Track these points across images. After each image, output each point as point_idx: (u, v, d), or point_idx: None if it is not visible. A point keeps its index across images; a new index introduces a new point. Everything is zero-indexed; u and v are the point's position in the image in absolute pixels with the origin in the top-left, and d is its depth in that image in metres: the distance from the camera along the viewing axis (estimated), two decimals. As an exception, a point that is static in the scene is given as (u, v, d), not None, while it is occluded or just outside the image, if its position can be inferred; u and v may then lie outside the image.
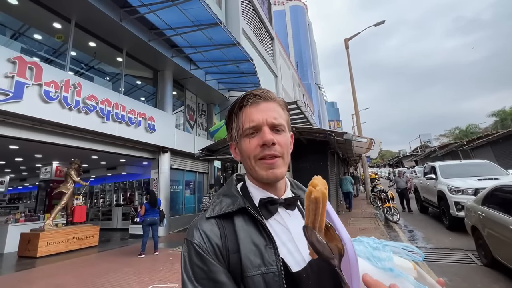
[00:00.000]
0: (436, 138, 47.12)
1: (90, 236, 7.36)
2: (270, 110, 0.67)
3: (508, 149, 13.81)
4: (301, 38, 54.81)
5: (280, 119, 0.67)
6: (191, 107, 12.17)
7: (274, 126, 0.66)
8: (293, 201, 0.69)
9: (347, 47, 16.32)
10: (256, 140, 0.65)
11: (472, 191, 5.96)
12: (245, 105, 0.68)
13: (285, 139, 0.67)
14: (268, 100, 0.68)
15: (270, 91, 0.71)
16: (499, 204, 3.74)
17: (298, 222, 0.66)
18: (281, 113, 0.69)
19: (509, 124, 25.32)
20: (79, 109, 6.34)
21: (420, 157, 36.76)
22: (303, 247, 0.61)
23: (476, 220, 4.19)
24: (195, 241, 0.60)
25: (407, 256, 0.62)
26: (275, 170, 0.64)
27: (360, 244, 0.66)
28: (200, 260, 0.57)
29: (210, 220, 0.64)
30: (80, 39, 7.61)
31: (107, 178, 13.90)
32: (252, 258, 0.58)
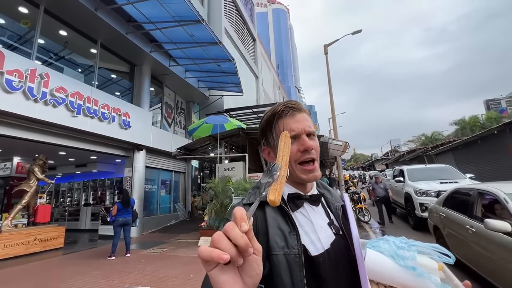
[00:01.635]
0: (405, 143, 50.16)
1: (55, 237, 6.88)
2: (304, 120, 0.78)
3: (467, 155, 15.06)
4: (283, 41, 55.63)
5: (313, 127, 0.79)
6: (169, 104, 11.85)
7: (309, 134, 0.77)
8: (317, 197, 0.80)
9: (326, 52, 16.81)
10: (296, 146, 0.75)
11: (435, 193, 6.38)
12: (283, 115, 0.78)
13: (317, 143, 0.80)
14: (301, 112, 0.80)
15: (298, 102, 0.82)
16: (458, 205, 3.94)
17: (320, 216, 0.77)
18: (310, 121, 0.81)
19: (467, 132, 27.71)
20: (46, 101, 5.92)
21: (390, 161, 38.86)
22: (323, 237, 0.72)
23: (438, 220, 4.42)
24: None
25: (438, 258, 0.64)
26: (315, 173, 0.76)
27: (386, 243, 0.70)
28: None
29: (246, 206, 0.74)
30: (50, 26, 7.11)
31: (75, 176, 13.06)
32: (278, 240, 0.68)
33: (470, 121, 31.16)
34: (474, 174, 8.56)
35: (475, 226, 3.16)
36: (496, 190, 3.07)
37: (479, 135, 13.59)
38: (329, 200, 0.85)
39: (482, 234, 2.98)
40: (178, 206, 11.62)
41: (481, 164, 13.35)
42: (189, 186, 12.42)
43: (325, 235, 0.73)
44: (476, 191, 3.51)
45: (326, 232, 0.75)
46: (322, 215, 0.78)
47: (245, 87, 14.12)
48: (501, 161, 11.74)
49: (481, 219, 3.12)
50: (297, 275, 0.66)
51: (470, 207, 3.50)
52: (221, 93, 13.25)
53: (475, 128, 28.30)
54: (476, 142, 13.88)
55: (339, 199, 0.87)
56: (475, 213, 3.35)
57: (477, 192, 3.48)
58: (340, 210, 0.81)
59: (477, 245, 3.10)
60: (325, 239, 0.72)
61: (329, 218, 0.79)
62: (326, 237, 0.73)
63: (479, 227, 3.06)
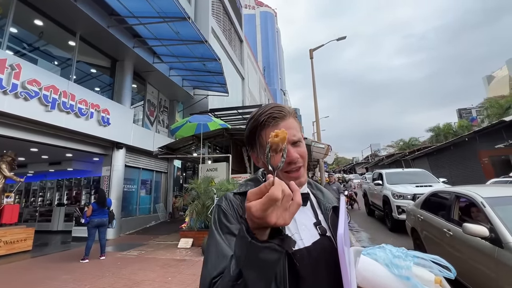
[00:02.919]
0: (384, 148, 52.12)
1: (22, 239, 6.44)
2: (289, 128, 0.73)
3: (441, 160, 15.88)
4: (270, 44, 56.03)
5: (298, 134, 0.76)
6: (152, 102, 11.54)
7: (294, 142, 0.75)
8: (303, 197, 0.77)
9: (311, 57, 17.12)
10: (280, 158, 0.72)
11: (411, 196, 6.61)
12: (266, 126, 0.75)
13: (304, 149, 0.77)
14: (285, 119, 0.76)
15: (284, 106, 0.78)
16: (435, 208, 3.94)
17: (306, 216, 0.77)
18: (296, 126, 0.78)
19: (442, 139, 29.21)
20: (17, 93, 5.55)
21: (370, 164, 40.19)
22: (305, 236, 0.72)
23: (415, 222, 4.41)
24: (223, 205, 0.76)
25: (439, 272, 0.63)
26: (301, 180, 0.75)
27: (382, 250, 0.70)
28: (225, 218, 0.72)
29: (236, 195, 0.79)
30: (24, 15, 6.70)
31: (48, 175, 12.33)
32: None
33: (444, 128, 32.90)
34: (447, 178, 9.04)
35: (453, 229, 3.17)
36: (473, 194, 3.09)
37: (451, 142, 14.40)
38: (321, 201, 0.84)
39: (459, 237, 2.99)
40: (159, 207, 11.31)
41: (453, 168, 14.13)
42: (170, 186, 12.13)
43: (308, 234, 0.73)
44: (454, 194, 3.52)
45: (310, 232, 0.74)
46: (308, 215, 0.78)
47: (231, 87, 14.05)
48: (470, 166, 12.48)
49: (458, 222, 3.14)
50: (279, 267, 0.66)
51: (447, 210, 3.53)
52: (206, 92, 13.09)
53: (449, 135, 29.90)
54: (449, 148, 14.70)
55: (332, 200, 0.87)
56: (453, 216, 3.36)
57: (454, 196, 3.49)
58: (330, 211, 0.81)
59: (453, 248, 3.12)
60: (308, 238, 0.72)
61: (317, 218, 0.79)
62: (309, 236, 0.73)
63: (456, 231, 3.08)
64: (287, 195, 0.48)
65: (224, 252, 0.64)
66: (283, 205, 0.48)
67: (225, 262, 0.61)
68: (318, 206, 0.83)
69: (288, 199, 0.49)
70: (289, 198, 0.49)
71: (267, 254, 0.49)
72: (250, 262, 0.50)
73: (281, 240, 0.51)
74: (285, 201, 0.48)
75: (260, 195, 0.48)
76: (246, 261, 0.50)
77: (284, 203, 0.48)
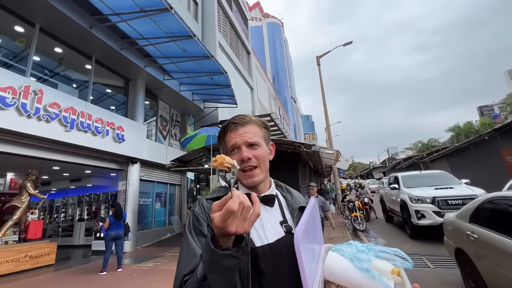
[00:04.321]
0: (402, 151, 50.46)
1: (46, 254, 6.78)
2: (246, 132, 0.86)
3: (461, 161, 15.19)
4: (278, 54, 56.76)
5: (255, 138, 0.86)
6: (164, 117, 11.97)
7: (250, 145, 0.85)
8: (268, 198, 0.88)
9: (318, 64, 17.22)
10: (237, 156, 0.84)
11: (430, 199, 6.18)
12: (228, 131, 0.88)
13: (260, 151, 0.86)
14: (244, 125, 0.87)
15: (247, 115, 0.92)
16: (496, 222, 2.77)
17: (272, 216, 0.85)
18: (256, 131, 0.89)
19: (463, 138, 27.95)
20: (39, 116, 6.00)
21: (387, 168, 38.93)
22: (270, 234, 0.80)
23: (463, 241, 3.16)
24: (196, 210, 0.84)
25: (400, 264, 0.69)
26: (254, 179, 0.84)
27: (349, 246, 0.77)
28: (197, 221, 0.81)
29: (208, 200, 0.87)
30: (45, 44, 7.30)
31: (70, 191, 12.96)
32: None
33: (464, 127, 31.50)
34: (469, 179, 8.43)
35: None
36: None
37: (471, 141, 13.79)
38: (289, 202, 0.92)
39: None
40: (174, 219, 11.51)
41: (474, 169, 13.46)
42: (184, 198, 12.35)
43: (273, 232, 0.80)
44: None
45: (275, 230, 0.82)
46: (275, 214, 0.86)
47: (240, 98, 14.33)
48: (493, 165, 11.86)
49: None
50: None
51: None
52: (215, 105, 13.42)
53: (470, 134, 28.58)
54: (469, 148, 14.06)
55: (300, 201, 0.94)
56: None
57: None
58: (297, 211, 0.88)
59: None
60: (272, 235, 0.80)
61: (284, 217, 0.86)
62: (274, 234, 0.80)
63: None
64: (246, 207, 0.55)
65: (195, 252, 0.72)
66: (243, 216, 0.55)
67: (196, 261, 0.70)
68: (286, 206, 0.91)
69: (247, 210, 0.55)
70: (249, 209, 0.55)
71: (227, 261, 0.57)
72: (213, 267, 0.58)
73: (239, 248, 0.59)
74: (244, 212, 0.55)
75: (221, 207, 0.54)
76: (210, 266, 0.58)
77: (243, 213, 0.55)
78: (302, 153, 7.88)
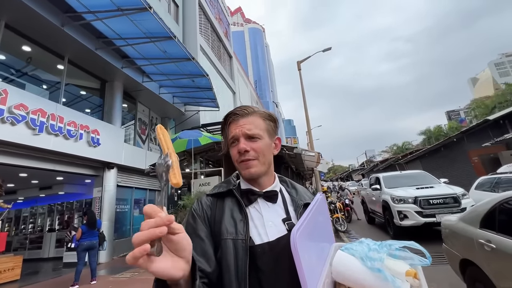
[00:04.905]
0: (379, 153, 52.63)
1: (10, 268, 6.20)
2: (246, 124, 0.82)
3: (433, 162, 16.07)
4: (259, 59, 57.32)
5: (256, 130, 0.82)
6: (143, 121, 11.57)
7: (249, 136, 0.81)
8: (271, 194, 0.84)
9: (299, 68, 17.53)
10: (236, 148, 0.82)
11: (412, 199, 6.09)
12: (229, 122, 0.85)
13: (260, 144, 0.82)
14: (245, 116, 0.84)
15: (250, 106, 0.87)
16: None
17: (275, 213, 0.81)
18: (258, 123, 0.84)
19: (433, 141, 29.67)
20: (3, 119, 5.52)
21: (365, 170, 40.34)
22: (271, 232, 0.76)
23: (474, 252, 2.52)
24: (193, 206, 0.84)
25: (419, 261, 0.62)
26: (250, 169, 0.80)
27: (360, 244, 0.71)
28: (193, 219, 0.80)
29: (208, 197, 0.86)
30: (11, 42, 6.79)
31: (39, 200, 12.05)
32: (229, 227, 0.76)
33: (435, 131, 33.58)
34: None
35: None
36: None
37: (441, 143, 14.65)
38: (294, 198, 0.88)
39: None
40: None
41: (445, 169, 14.28)
42: (165, 204, 11.92)
43: (275, 230, 0.77)
44: None
45: (277, 228, 0.78)
46: (278, 211, 0.82)
47: (222, 102, 14.21)
48: (461, 166, 12.65)
49: None
50: (241, 259, 0.71)
51: None
52: (197, 108, 13.21)
53: (440, 137, 30.43)
54: (440, 149, 14.93)
55: (305, 197, 0.89)
56: None
57: None
58: (301, 208, 0.84)
59: None
60: (274, 233, 0.76)
61: (288, 215, 0.82)
62: (276, 232, 0.76)
63: None
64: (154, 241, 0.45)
65: None
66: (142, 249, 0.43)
67: None
68: (291, 203, 0.86)
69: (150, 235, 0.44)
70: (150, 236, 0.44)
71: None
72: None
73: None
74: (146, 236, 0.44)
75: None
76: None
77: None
78: (284, 155, 7.92)
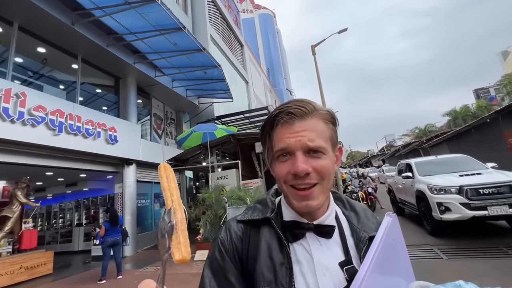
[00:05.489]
0: (400, 137, 50.50)
1: (42, 263, 6.52)
2: (306, 130, 0.57)
3: (462, 145, 15.06)
4: (271, 45, 56.01)
5: (319, 140, 0.57)
6: (158, 116, 11.61)
7: (310, 150, 0.57)
8: (326, 230, 0.61)
9: (314, 53, 16.81)
10: (288, 166, 0.57)
11: (456, 189, 5.08)
12: (277, 124, 0.59)
13: (325, 163, 0.58)
14: (304, 118, 0.58)
15: (309, 102, 0.60)
16: None
17: (330, 253, 0.59)
18: (322, 130, 0.59)
19: (460, 122, 27.90)
20: (24, 121, 5.64)
21: (386, 156, 39.01)
22: (325, 283, 0.55)
23: None
24: (221, 237, 0.65)
25: None
26: (310, 202, 0.57)
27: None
28: (220, 255, 0.63)
29: (239, 224, 0.66)
30: (26, 44, 6.88)
31: (66, 196, 12.65)
32: (265, 272, 0.57)
33: (461, 111, 31.44)
34: None
35: None
36: None
37: (472, 125, 13.63)
38: (354, 227, 0.63)
39: None
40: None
41: (476, 153, 13.32)
42: (184, 197, 12.11)
43: (329, 280, 0.55)
44: None
45: (332, 277, 0.56)
46: (333, 251, 0.59)
47: (235, 93, 13.97)
48: (495, 148, 11.73)
49: None
50: None
51: None
52: (211, 100, 13.07)
53: (467, 118, 28.53)
54: (470, 131, 13.91)
55: (370, 226, 0.64)
56: None
57: None
58: (365, 244, 0.59)
59: None
60: (327, 286, 0.55)
61: (347, 255, 0.58)
62: (331, 283, 0.55)
63: None
64: None
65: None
66: None
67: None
68: (350, 233, 0.62)
69: None
70: None
71: None
72: None
73: None
74: None
75: None
76: None
77: None
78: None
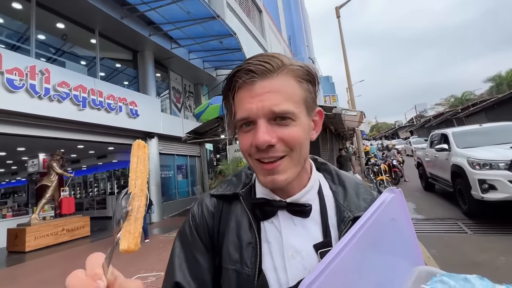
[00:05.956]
0: (432, 107, 46.91)
1: (81, 227, 7.27)
2: (270, 92, 0.46)
3: (503, 115, 13.65)
4: (292, 10, 52.25)
5: (287, 104, 0.46)
6: (177, 89, 11.67)
7: (276, 117, 0.46)
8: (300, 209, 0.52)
9: (338, 16, 15.46)
10: (251, 137, 0.47)
11: (505, 163, 4.29)
12: (238, 86, 0.48)
13: (295, 131, 0.47)
14: (267, 76, 0.46)
15: (275, 56, 0.48)
16: None
17: (304, 235, 0.50)
18: (291, 91, 0.47)
19: (505, 89, 25.00)
20: (50, 97, 5.93)
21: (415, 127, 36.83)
22: (294, 266, 0.48)
23: None
24: (192, 211, 0.61)
25: None
26: (276, 177, 0.47)
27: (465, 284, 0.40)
28: (189, 229, 0.58)
29: (212, 199, 0.61)
30: (45, 20, 6.99)
31: (99, 167, 13.68)
32: (231, 250, 0.53)
33: (507, 76, 27.97)
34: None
35: None
36: None
37: (518, 91, 12.15)
38: (340, 205, 0.53)
39: None
40: (196, 189, 11.83)
41: (520, 123, 12.03)
42: (205, 169, 12.54)
43: (299, 263, 0.48)
44: None
45: (303, 260, 0.48)
46: (309, 231, 0.51)
47: (253, 63, 13.48)
48: (544, 118, 10.47)
49: None
50: None
51: None
52: (228, 71, 12.70)
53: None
54: (514, 98, 12.47)
55: (358, 205, 0.53)
56: None
57: None
58: (347, 226, 0.49)
59: None
60: (297, 270, 0.47)
61: (326, 236, 0.50)
62: (300, 266, 0.48)
63: None
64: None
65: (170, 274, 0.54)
66: None
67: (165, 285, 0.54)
68: (335, 213, 0.53)
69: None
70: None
71: None
72: None
73: None
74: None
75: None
76: None
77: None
78: (322, 117, 7.33)
